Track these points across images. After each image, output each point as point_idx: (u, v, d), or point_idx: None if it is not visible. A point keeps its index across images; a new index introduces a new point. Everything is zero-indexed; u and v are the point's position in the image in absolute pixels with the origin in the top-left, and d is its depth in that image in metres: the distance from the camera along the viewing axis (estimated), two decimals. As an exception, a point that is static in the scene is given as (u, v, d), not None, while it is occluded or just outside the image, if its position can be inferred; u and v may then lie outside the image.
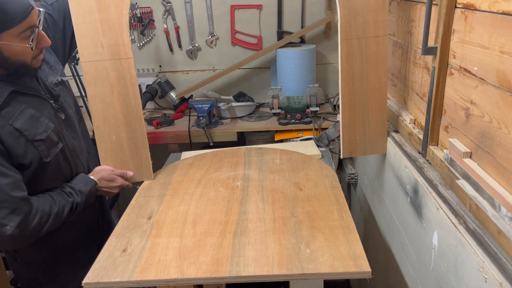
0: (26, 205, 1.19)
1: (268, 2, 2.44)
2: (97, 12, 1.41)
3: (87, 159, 1.51)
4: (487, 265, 0.88)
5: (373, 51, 1.41)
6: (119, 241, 1.20)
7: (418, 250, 1.29)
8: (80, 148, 1.45)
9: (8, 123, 1.18)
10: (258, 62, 2.56)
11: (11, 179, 1.17)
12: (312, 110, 2.24)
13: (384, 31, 1.39)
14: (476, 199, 0.99)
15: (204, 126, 2.22)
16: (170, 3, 2.44)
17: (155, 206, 1.37)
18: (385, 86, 1.45)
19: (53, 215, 1.26)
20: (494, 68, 0.95)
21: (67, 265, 1.44)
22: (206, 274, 1.04)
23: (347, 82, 1.43)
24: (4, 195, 1.15)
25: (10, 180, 1.16)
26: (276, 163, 1.63)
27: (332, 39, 2.52)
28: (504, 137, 0.92)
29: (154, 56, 2.57)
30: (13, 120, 1.19)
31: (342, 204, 1.29)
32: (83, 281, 1.04)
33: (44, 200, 1.26)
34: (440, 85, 1.22)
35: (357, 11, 1.36)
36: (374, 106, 1.48)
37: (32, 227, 1.21)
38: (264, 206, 1.32)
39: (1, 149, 1.17)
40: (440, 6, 1.16)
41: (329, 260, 1.05)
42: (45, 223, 1.24)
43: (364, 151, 1.55)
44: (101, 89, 1.46)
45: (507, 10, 0.89)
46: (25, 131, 1.21)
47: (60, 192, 1.32)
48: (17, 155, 1.20)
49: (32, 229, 1.21)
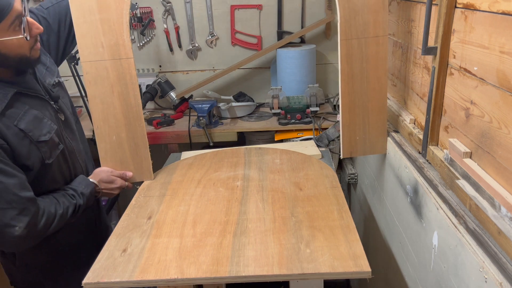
0: (34, 206, 1.19)
1: (268, 2, 2.44)
2: (97, 12, 1.41)
3: (85, 160, 1.50)
4: (487, 265, 0.88)
5: (373, 51, 1.41)
6: (119, 241, 1.20)
7: (418, 250, 1.29)
8: (78, 149, 1.45)
9: (13, 124, 1.18)
10: (258, 62, 2.56)
11: (18, 179, 1.17)
12: (312, 110, 2.24)
13: (384, 31, 1.39)
14: (476, 199, 0.99)
15: (204, 126, 2.22)
16: (170, 3, 2.44)
17: (155, 206, 1.37)
18: (385, 86, 1.45)
19: (58, 216, 1.26)
20: (494, 68, 0.95)
21: (67, 267, 1.44)
22: (206, 274, 1.04)
23: (347, 83, 1.43)
24: (12, 195, 1.14)
25: (17, 181, 1.16)
26: (276, 163, 1.63)
27: (332, 39, 2.52)
28: (504, 137, 0.92)
29: (154, 56, 2.57)
30: (18, 121, 1.19)
31: (342, 204, 1.29)
32: (83, 281, 1.04)
33: (49, 201, 1.26)
34: (440, 85, 1.22)
35: (357, 11, 1.36)
36: (374, 107, 1.48)
37: (39, 228, 1.21)
38: (264, 206, 1.32)
39: (7, 149, 1.17)
40: (440, 6, 1.16)
41: (329, 260, 1.05)
42: (51, 224, 1.24)
43: (364, 151, 1.55)
44: (101, 89, 1.46)
45: (507, 10, 0.89)
46: (30, 132, 1.21)
47: (64, 194, 1.32)
48: (22, 156, 1.20)
49: (39, 230, 1.21)
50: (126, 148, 1.51)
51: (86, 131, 2.23)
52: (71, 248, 1.43)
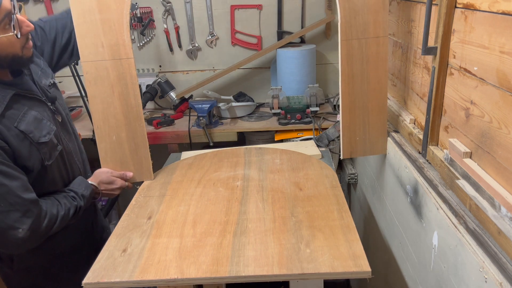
0: (36, 208, 1.19)
1: (268, 2, 2.44)
2: (97, 12, 1.41)
3: (82, 161, 1.50)
4: (487, 265, 0.88)
5: (373, 51, 1.41)
6: (119, 241, 1.20)
7: (418, 250, 1.29)
8: (75, 150, 1.45)
9: (13, 125, 1.18)
10: (258, 62, 2.56)
11: (20, 181, 1.17)
12: (312, 110, 2.24)
13: (384, 32, 1.38)
14: (476, 199, 0.99)
15: (204, 126, 2.22)
16: (170, 3, 2.44)
17: (155, 206, 1.37)
18: (385, 87, 1.45)
19: (60, 217, 1.26)
20: (494, 68, 0.95)
21: (65, 268, 1.43)
22: (206, 274, 1.04)
23: (347, 83, 1.43)
24: (16, 197, 1.14)
25: (19, 183, 1.16)
26: (276, 163, 1.63)
27: (332, 39, 2.52)
28: (504, 137, 0.92)
29: (154, 56, 2.57)
30: (18, 122, 1.19)
31: (342, 204, 1.29)
32: (83, 281, 1.04)
33: (51, 202, 1.26)
34: (440, 85, 1.22)
35: (357, 12, 1.36)
36: (374, 107, 1.48)
37: (42, 229, 1.21)
38: (264, 206, 1.32)
39: (8, 151, 1.16)
40: (440, 6, 1.16)
41: (329, 260, 1.05)
42: (53, 225, 1.24)
43: (364, 151, 1.55)
44: (101, 89, 1.46)
45: (507, 10, 0.89)
46: (30, 134, 1.21)
47: (65, 195, 1.32)
48: (22, 158, 1.20)
49: (42, 231, 1.21)
50: (126, 148, 1.51)
51: (86, 131, 2.25)
52: (69, 250, 1.43)
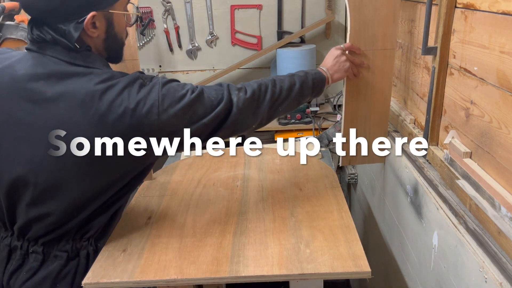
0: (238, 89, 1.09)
1: (268, 2, 2.44)
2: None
3: None
4: (487, 265, 0.88)
5: (379, 63, 1.39)
6: (119, 241, 1.19)
7: (418, 250, 1.29)
8: None
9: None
10: (258, 62, 2.56)
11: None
12: (312, 110, 2.24)
13: (392, 44, 1.38)
14: (476, 199, 0.99)
15: (204, 126, 2.21)
16: (170, 3, 2.44)
17: (155, 206, 1.37)
18: (389, 98, 1.45)
19: (279, 88, 1.13)
20: (494, 68, 0.95)
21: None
22: (206, 274, 1.03)
23: (351, 94, 1.43)
24: (208, 100, 1.04)
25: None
26: (276, 163, 1.63)
27: (332, 39, 2.52)
28: (504, 137, 0.92)
29: (154, 56, 2.57)
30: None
31: (342, 204, 1.29)
32: (83, 281, 1.04)
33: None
34: (440, 85, 1.22)
35: (367, 23, 1.35)
36: (376, 118, 1.47)
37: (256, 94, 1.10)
38: (264, 206, 1.32)
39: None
40: (440, 6, 1.15)
41: (329, 260, 1.05)
42: (279, 95, 1.12)
43: (363, 160, 1.55)
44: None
45: (507, 10, 0.89)
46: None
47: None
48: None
49: (256, 96, 1.10)
50: (126, 148, 1.51)
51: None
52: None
